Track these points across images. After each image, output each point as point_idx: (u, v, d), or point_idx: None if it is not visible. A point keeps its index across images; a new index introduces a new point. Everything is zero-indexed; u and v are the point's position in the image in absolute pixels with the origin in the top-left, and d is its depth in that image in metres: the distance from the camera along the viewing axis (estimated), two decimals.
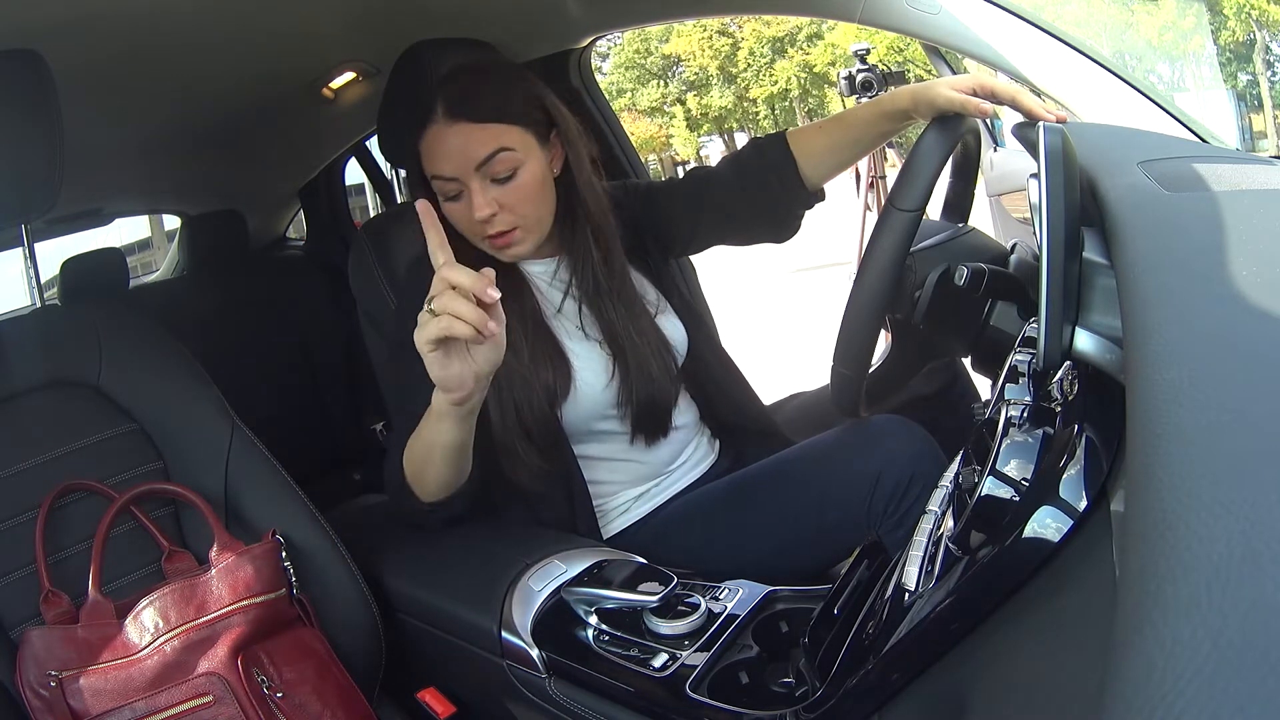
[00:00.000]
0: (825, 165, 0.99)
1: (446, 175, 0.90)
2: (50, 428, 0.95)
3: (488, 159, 0.89)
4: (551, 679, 0.80)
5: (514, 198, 0.91)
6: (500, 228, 0.92)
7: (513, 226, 0.92)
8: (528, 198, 0.92)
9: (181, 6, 1.02)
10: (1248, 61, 6.49)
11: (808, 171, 0.99)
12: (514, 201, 0.91)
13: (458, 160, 0.89)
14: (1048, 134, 0.54)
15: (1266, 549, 0.25)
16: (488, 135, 0.89)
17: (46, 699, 0.81)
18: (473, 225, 0.92)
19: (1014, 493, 0.50)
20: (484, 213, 0.90)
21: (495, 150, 0.89)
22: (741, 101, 19.92)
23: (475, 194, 0.90)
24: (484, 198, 0.90)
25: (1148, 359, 0.36)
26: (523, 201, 0.92)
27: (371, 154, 2.03)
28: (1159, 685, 0.23)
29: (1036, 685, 0.42)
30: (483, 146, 0.89)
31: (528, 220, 0.93)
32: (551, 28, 1.42)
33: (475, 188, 0.90)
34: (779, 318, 4.75)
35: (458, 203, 0.92)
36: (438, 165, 0.90)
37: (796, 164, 0.98)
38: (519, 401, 0.93)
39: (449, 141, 0.89)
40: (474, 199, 0.90)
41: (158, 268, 2.45)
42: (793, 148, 0.98)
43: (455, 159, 0.89)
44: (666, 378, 1.00)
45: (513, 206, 0.91)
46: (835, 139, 0.98)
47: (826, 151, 0.98)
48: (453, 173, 0.90)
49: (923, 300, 0.82)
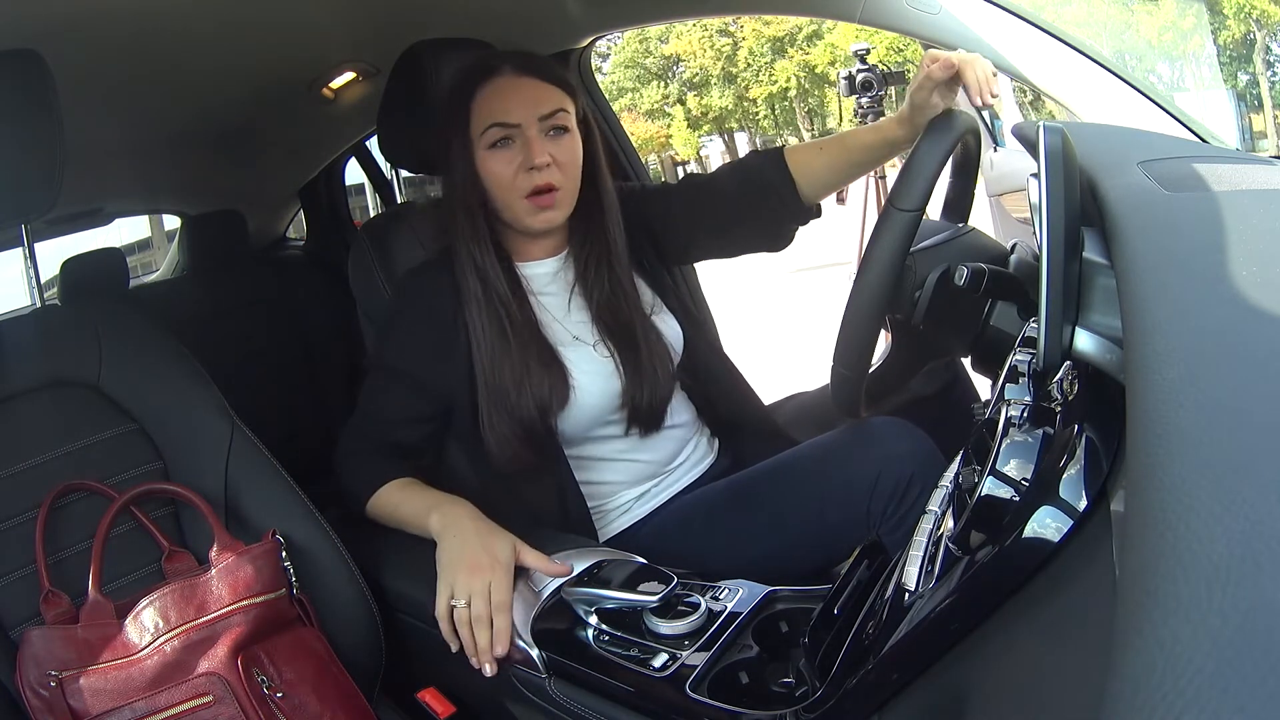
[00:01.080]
0: (822, 184, 1.00)
1: (511, 121, 0.94)
2: (50, 428, 0.95)
3: (552, 112, 0.95)
4: (551, 679, 0.80)
5: (565, 155, 0.96)
6: (550, 179, 0.95)
7: (558, 185, 0.96)
8: (574, 160, 0.97)
9: (182, 7, 1.02)
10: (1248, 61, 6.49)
11: (805, 189, 1.00)
12: (565, 159, 0.96)
13: (527, 108, 0.94)
14: (1048, 134, 0.54)
15: (1266, 549, 0.25)
16: (553, 93, 0.96)
17: (46, 699, 0.81)
18: (518, 177, 0.95)
19: (1014, 493, 0.50)
20: (543, 158, 0.94)
21: (558, 107, 0.95)
22: (741, 101, 19.90)
23: (534, 142, 0.94)
24: (541, 146, 0.94)
25: (1148, 359, 0.36)
26: (570, 162, 0.97)
27: (371, 154, 2.03)
28: (1159, 685, 0.23)
29: (1036, 685, 0.42)
30: (549, 100, 0.95)
31: (569, 183, 0.97)
32: (551, 28, 1.42)
33: (533, 136, 0.94)
34: (779, 318, 4.74)
35: (506, 150, 0.95)
36: (503, 112, 0.94)
37: (795, 183, 0.99)
38: (511, 406, 0.94)
39: (520, 90, 0.95)
40: (532, 146, 0.94)
41: (158, 268, 2.45)
42: (790, 166, 0.99)
43: (524, 107, 0.94)
44: (665, 375, 1.00)
45: (562, 164, 0.96)
46: (834, 161, 0.99)
47: (825, 172, 0.99)
48: (518, 119, 0.94)
49: (923, 300, 0.82)
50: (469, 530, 0.86)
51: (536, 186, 0.94)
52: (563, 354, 0.97)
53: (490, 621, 0.80)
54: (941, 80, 0.82)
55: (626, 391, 0.98)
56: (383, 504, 0.96)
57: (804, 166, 0.99)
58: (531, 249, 1.03)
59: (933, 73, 0.82)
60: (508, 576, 0.82)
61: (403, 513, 0.94)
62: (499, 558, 0.82)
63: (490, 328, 0.95)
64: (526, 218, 0.97)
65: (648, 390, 0.98)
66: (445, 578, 0.83)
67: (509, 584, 0.82)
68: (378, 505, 0.97)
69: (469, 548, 0.84)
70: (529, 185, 0.94)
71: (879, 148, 0.95)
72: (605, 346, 0.99)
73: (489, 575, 0.81)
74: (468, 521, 0.87)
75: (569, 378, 0.96)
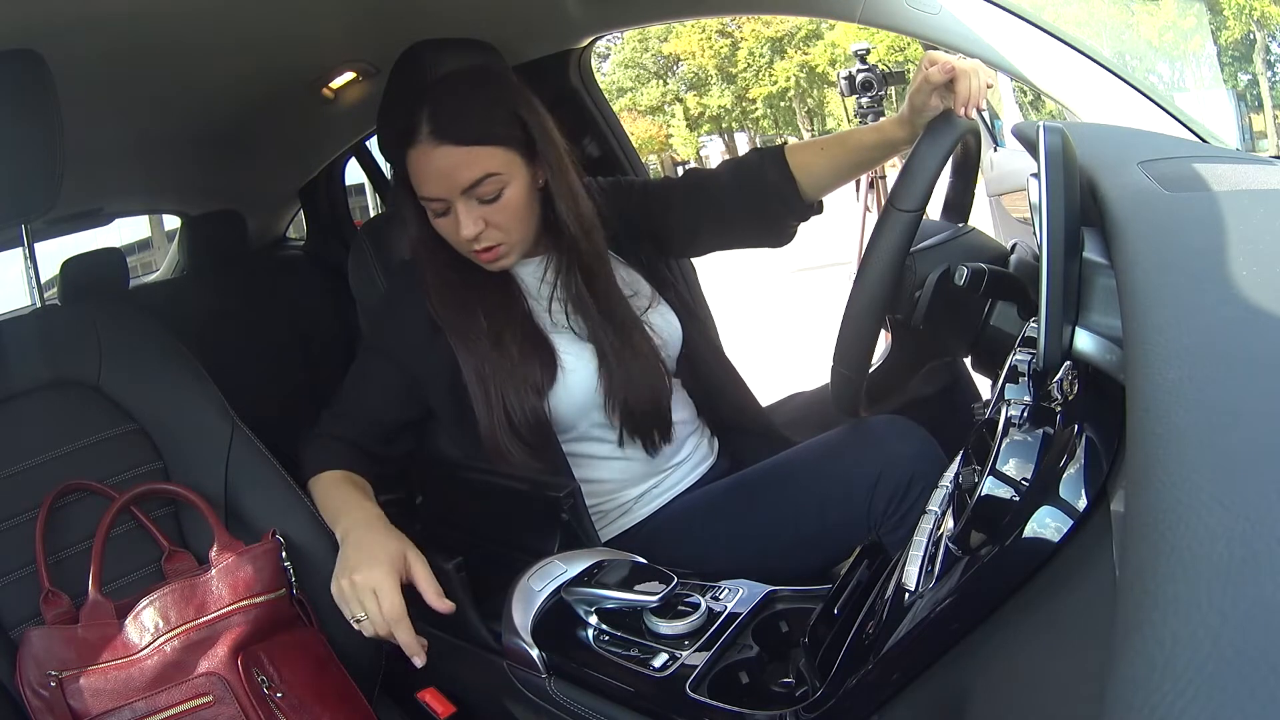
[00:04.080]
0: (823, 183, 1.00)
1: (434, 196, 0.92)
2: (50, 428, 0.95)
3: (474, 184, 0.91)
4: (551, 679, 0.80)
5: (500, 217, 0.93)
6: (487, 243, 0.94)
7: (499, 242, 0.95)
8: (513, 216, 0.94)
9: (182, 6, 1.02)
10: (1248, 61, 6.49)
11: (806, 188, 1.00)
12: (500, 220, 0.93)
13: (444, 183, 0.91)
14: (1048, 134, 0.54)
15: (1266, 549, 0.25)
16: (473, 159, 0.90)
17: (46, 699, 0.81)
18: (460, 241, 0.94)
19: (1014, 493, 0.50)
20: (470, 231, 0.92)
21: (482, 176, 0.91)
22: (741, 101, 19.90)
23: (461, 214, 0.92)
24: (470, 217, 0.92)
25: (1148, 359, 0.36)
26: (508, 220, 0.94)
27: (371, 154, 2.02)
28: (1159, 685, 0.23)
29: (1036, 685, 0.42)
30: (469, 171, 0.90)
31: (511, 236, 0.96)
32: (551, 28, 1.42)
33: (461, 208, 0.92)
34: (779, 318, 4.74)
35: (445, 219, 0.94)
36: (425, 187, 0.93)
37: (796, 181, 0.99)
38: (509, 402, 0.94)
39: (435, 164, 0.91)
40: (460, 219, 0.92)
41: (158, 268, 2.45)
42: (791, 164, 0.99)
43: (442, 182, 0.91)
44: (656, 381, 0.99)
45: (499, 225, 0.94)
46: (835, 160, 0.99)
47: (826, 171, 0.99)
48: (440, 194, 0.92)
49: (923, 300, 0.82)
50: (357, 539, 0.85)
51: (476, 250, 0.95)
52: (551, 338, 0.98)
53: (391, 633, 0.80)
54: (939, 84, 0.82)
55: (609, 391, 0.97)
56: (316, 490, 0.97)
57: (805, 166, 0.99)
58: None
59: (930, 75, 0.82)
60: (388, 583, 0.80)
61: (324, 507, 0.94)
62: (379, 561, 0.81)
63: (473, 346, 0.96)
64: (482, 265, 0.97)
65: (632, 394, 0.97)
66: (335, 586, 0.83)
67: (392, 593, 0.80)
68: (313, 488, 0.97)
69: (350, 558, 0.83)
70: (470, 248, 0.95)
71: (879, 147, 0.95)
72: (587, 344, 0.99)
73: (371, 585, 0.80)
74: (361, 530, 0.86)
75: (557, 358, 0.96)
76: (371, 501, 0.94)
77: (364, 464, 0.99)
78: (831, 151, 0.99)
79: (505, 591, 0.85)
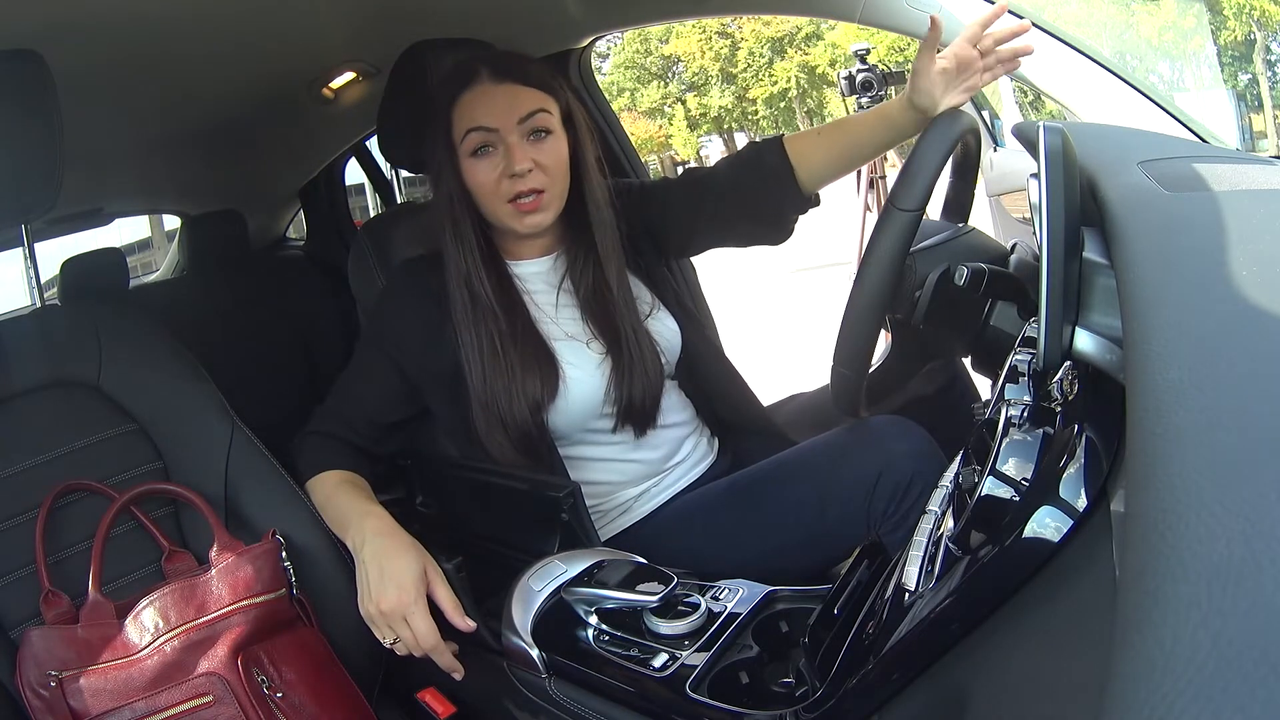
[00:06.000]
0: (823, 172, 0.99)
1: (489, 126, 0.94)
2: (50, 428, 0.95)
3: (530, 114, 0.94)
4: (551, 679, 0.80)
5: (548, 157, 0.95)
6: (533, 184, 0.95)
7: (543, 188, 0.95)
8: (558, 161, 0.96)
9: (181, 7, 1.02)
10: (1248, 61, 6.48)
11: (805, 178, 0.99)
12: (548, 162, 0.95)
13: (503, 113, 0.94)
14: (1048, 134, 0.54)
15: (1266, 549, 0.25)
16: (532, 95, 0.95)
17: (46, 699, 0.81)
18: (500, 184, 0.95)
19: (1014, 493, 0.50)
20: (524, 164, 0.93)
21: (538, 108, 0.95)
22: (741, 102, 19.90)
23: (514, 148, 0.94)
24: (522, 151, 0.94)
25: (1148, 359, 0.36)
26: (554, 164, 0.96)
27: (371, 154, 2.02)
28: (1159, 685, 0.23)
29: (1036, 685, 0.42)
30: (527, 103, 0.94)
31: (554, 187, 0.97)
32: (551, 28, 1.42)
33: (514, 142, 0.94)
34: (779, 318, 4.74)
35: (488, 158, 0.95)
36: (481, 117, 0.94)
37: (794, 170, 0.98)
38: (503, 412, 0.94)
39: (495, 98, 0.94)
40: (513, 152, 0.93)
41: (158, 268, 2.45)
42: (790, 153, 0.98)
43: (501, 112, 0.94)
44: (656, 376, 1.00)
45: (546, 167, 0.95)
46: (834, 146, 0.98)
47: (825, 159, 0.98)
48: (496, 124, 0.94)
49: (923, 300, 0.82)
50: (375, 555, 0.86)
51: (519, 192, 0.94)
52: (555, 348, 0.97)
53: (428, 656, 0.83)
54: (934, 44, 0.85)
55: (615, 389, 0.97)
56: (316, 492, 0.97)
57: (803, 153, 0.98)
58: (522, 249, 1.03)
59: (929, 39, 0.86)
60: (419, 609, 0.83)
61: (329, 513, 0.95)
62: (405, 588, 0.83)
63: (479, 341, 0.96)
64: (512, 222, 0.97)
65: (637, 389, 0.98)
66: (363, 610, 0.85)
67: (424, 619, 0.83)
68: (313, 490, 0.98)
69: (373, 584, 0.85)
70: (512, 191, 0.94)
71: (878, 127, 0.94)
72: (598, 344, 0.99)
73: (401, 612, 0.83)
74: (376, 543, 0.87)
75: (559, 370, 0.96)
76: (377, 505, 0.94)
77: (362, 464, 1.00)
78: (830, 136, 0.99)
79: (505, 591, 0.85)
